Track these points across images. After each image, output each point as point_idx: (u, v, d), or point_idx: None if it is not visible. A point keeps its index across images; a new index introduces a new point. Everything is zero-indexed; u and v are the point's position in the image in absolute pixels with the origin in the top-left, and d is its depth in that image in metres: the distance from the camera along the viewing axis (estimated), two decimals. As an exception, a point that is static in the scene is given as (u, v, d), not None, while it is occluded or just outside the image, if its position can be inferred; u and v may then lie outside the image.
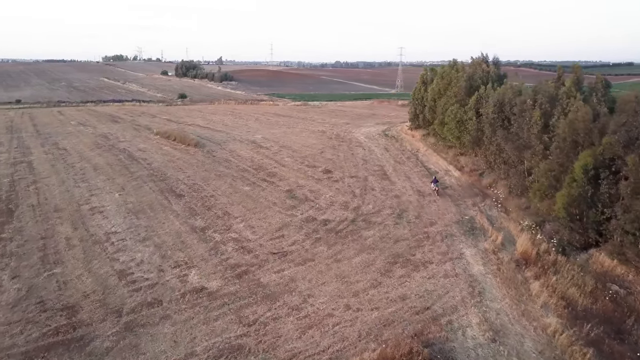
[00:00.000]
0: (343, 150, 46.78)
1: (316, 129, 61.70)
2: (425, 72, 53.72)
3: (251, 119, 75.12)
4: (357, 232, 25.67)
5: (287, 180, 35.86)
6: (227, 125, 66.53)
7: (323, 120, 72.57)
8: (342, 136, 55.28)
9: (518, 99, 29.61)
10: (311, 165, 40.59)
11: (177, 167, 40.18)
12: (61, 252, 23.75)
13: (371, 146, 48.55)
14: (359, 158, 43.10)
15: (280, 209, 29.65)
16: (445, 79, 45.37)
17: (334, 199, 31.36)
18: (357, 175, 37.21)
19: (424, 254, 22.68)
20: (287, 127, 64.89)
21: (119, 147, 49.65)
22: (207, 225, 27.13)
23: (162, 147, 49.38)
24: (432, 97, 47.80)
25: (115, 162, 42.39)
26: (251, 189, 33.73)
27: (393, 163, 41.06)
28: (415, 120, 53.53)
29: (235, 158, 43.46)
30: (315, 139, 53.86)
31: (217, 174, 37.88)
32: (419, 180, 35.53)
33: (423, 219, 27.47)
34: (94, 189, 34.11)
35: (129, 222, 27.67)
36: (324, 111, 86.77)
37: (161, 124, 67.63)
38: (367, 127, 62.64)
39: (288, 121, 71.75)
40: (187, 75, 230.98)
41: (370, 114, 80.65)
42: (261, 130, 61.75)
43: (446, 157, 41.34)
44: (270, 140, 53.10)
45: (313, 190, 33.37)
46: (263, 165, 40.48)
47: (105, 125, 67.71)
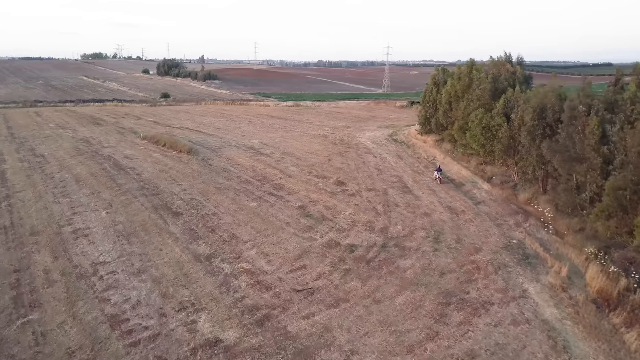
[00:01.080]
0: (352, 157, 43.19)
1: (317, 133, 58.03)
2: (437, 72, 50.44)
3: (244, 121, 71.13)
4: (392, 261, 22.08)
5: (297, 195, 32.12)
6: (219, 129, 62.46)
7: (321, 123, 68.94)
8: (347, 141, 51.70)
9: (566, 104, 26.31)
10: (321, 175, 36.89)
11: (171, 178, 36.13)
12: (39, 290, 19.73)
13: (382, 153, 45.04)
14: (372, 167, 39.54)
15: (295, 230, 25.93)
16: (463, 80, 42.07)
17: (356, 217, 27.73)
18: (375, 188, 33.64)
19: (479, 292, 19.17)
20: (284, 130, 61.10)
21: (103, 153, 45.34)
22: (213, 252, 23.29)
23: (151, 154, 45.19)
24: (447, 100, 44.50)
25: (100, 172, 38.15)
26: (258, 206, 29.92)
27: (411, 173, 37.59)
28: (427, 124, 50.18)
29: (234, 167, 39.55)
30: (319, 144, 50.17)
31: (217, 186, 33.96)
32: (446, 194, 32.09)
33: (465, 243, 23.99)
34: (77, 205, 29.95)
35: (120, 248, 23.69)
36: (319, 113, 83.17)
37: (148, 127, 63.31)
38: (371, 132, 59.18)
39: (284, 124, 67.95)
40: (170, 74, 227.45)
41: (369, 116, 77.27)
42: (257, 134, 57.86)
43: (468, 167, 38.03)
44: (270, 146, 49.27)
45: (329, 206, 29.69)
46: (267, 176, 36.66)
47: (86, 128, 63.12)
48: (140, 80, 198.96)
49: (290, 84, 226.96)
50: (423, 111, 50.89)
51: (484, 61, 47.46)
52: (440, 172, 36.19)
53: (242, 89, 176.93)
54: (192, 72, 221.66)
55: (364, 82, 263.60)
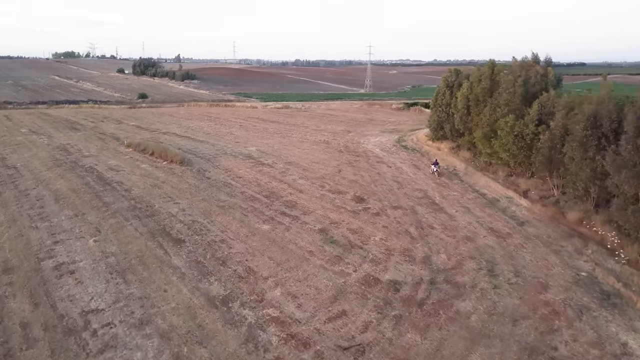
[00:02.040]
0: (364, 168, 39.67)
1: (317, 139, 54.36)
2: (450, 73, 47.29)
3: (234, 125, 67.02)
4: (449, 303, 18.61)
5: (313, 214, 28.45)
6: (209, 134, 58.30)
7: (317, 127, 65.27)
8: (353, 148, 48.18)
9: (628, 110, 23.25)
10: (335, 190, 33.27)
11: (165, 194, 32.07)
12: (15, 354, 15.68)
13: (395, 162, 41.64)
14: (389, 179, 36.09)
15: (321, 261, 22.28)
16: (484, 82, 38.95)
17: (388, 243, 24.21)
18: (400, 204, 30.19)
19: (569, 347, 15.82)
20: (280, 135, 57.27)
21: (83, 164, 40.89)
22: (229, 293, 19.50)
23: (138, 164, 40.91)
24: (464, 104, 41.35)
25: (82, 187, 33.84)
26: (271, 229, 26.16)
27: (435, 186, 34.25)
28: (439, 130, 47.01)
29: (236, 181, 35.63)
30: (323, 152, 46.53)
31: (220, 205, 30.05)
32: (482, 212, 28.83)
33: (526, 276, 20.67)
34: (59, 231, 25.74)
35: (115, 289, 19.71)
36: (312, 116, 79.47)
37: (130, 132, 58.77)
38: (374, 136, 55.78)
39: (278, 128, 64.08)
40: (146, 74, 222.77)
41: (367, 119, 73.88)
42: (252, 140, 53.91)
43: (495, 178, 34.87)
44: (269, 154, 45.43)
45: (354, 229, 26.10)
46: (275, 191, 32.88)
47: (62, 133, 58.27)
48: (116, 80, 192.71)
49: (271, 83, 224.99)
50: (434, 115, 47.69)
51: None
52: (437, 165, 37.85)
53: (221, 88, 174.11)
54: (170, 72, 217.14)
55: (344, 81, 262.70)
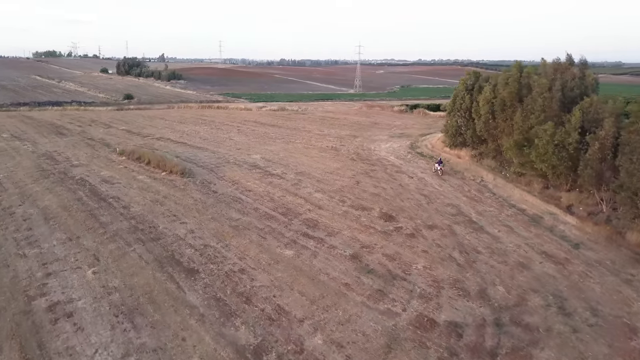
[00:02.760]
0: (383, 178, 36.79)
1: (323, 145, 51.40)
2: (469, 76, 44.63)
3: (232, 130, 63.74)
4: (525, 353, 15.80)
5: (340, 235, 25.51)
6: (206, 140, 55.01)
7: (320, 131, 62.30)
8: (365, 156, 45.29)
9: None
10: (357, 205, 30.36)
11: (169, 212, 28.88)
12: None
13: (416, 172, 38.83)
14: (414, 192, 33.28)
15: (361, 297, 19.36)
16: (512, 86, 36.35)
17: (434, 272, 21.37)
18: (434, 223, 27.37)
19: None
20: (283, 141, 54.19)
21: (73, 175, 37.46)
22: (261, 341, 16.48)
23: (134, 175, 37.57)
24: (489, 109, 38.71)
25: (74, 203, 30.50)
26: (296, 255, 23.16)
27: (466, 200, 31.50)
28: (457, 136, 44.33)
29: (245, 195, 32.53)
30: (333, 160, 43.58)
31: (232, 224, 26.96)
32: (527, 231, 26.15)
33: (605, 315, 17.95)
34: (51, 260, 22.46)
35: (123, 338, 16.58)
36: (312, 119, 76.44)
37: (121, 138, 55.28)
38: (384, 142, 52.97)
39: (279, 133, 60.97)
40: (131, 74, 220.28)
41: (370, 122, 71.03)
42: (254, 146, 50.77)
43: (530, 191, 32.26)
44: (276, 162, 42.36)
45: (390, 254, 23.21)
46: (291, 207, 29.86)
47: (48, 139, 54.60)
48: (99, 80, 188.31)
49: (259, 83, 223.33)
50: (452, 120, 45.01)
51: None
52: (441, 164, 38.69)
53: (209, 89, 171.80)
54: (155, 72, 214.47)
55: (332, 81, 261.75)
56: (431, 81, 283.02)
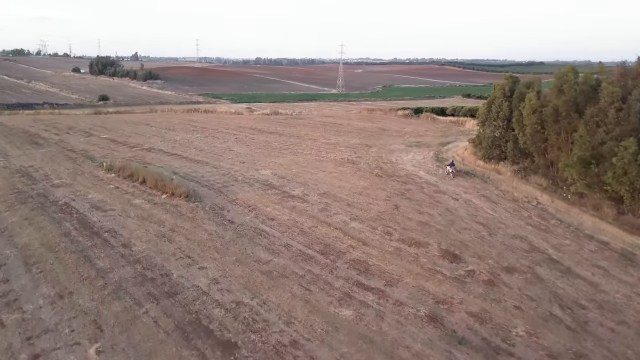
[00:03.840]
0: (424, 201, 32.17)
1: (336, 157, 46.60)
2: (507, 81, 40.34)
3: (228, 138, 58.43)
4: None
5: (402, 284, 20.78)
6: (203, 151, 49.69)
7: (327, 139, 57.45)
8: (391, 171, 40.61)
9: None
10: (408, 239, 25.65)
11: (182, 252, 23.73)
12: None
13: (457, 192, 34.29)
14: (467, 219, 28.74)
15: (466, 385, 14.65)
16: (568, 93, 32.18)
17: (543, 342, 16.81)
18: (511, 263, 22.86)
19: None
20: (290, 152, 49.20)
21: (56, 198, 31.94)
22: None
23: (129, 199, 32.22)
24: (537, 119, 34.47)
25: (61, 240, 25.10)
26: (357, 316, 18.34)
27: (533, 230, 27.09)
28: (494, 148, 40.01)
29: (268, 225, 27.52)
30: (356, 176, 38.81)
31: (264, 269, 21.98)
32: (627, 275, 21.88)
33: None
34: (38, 332, 17.19)
35: None
36: (313, 124, 71.50)
37: (106, 149, 49.59)
38: (404, 153, 48.39)
39: (282, 142, 55.92)
40: (105, 73, 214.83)
41: (378, 129, 66.39)
42: (259, 159, 45.66)
43: (602, 216, 28.10)
44: (291, 180, 37.40)
45: (475, 313, 18.57)
46: (329, 243, 24.99)
47: (21, 150, 48.57)
48: (72, 80, 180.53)
49: (239, 83, 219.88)
50: (487, 130, 40.69)
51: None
52: (453, 166, 38.73)
53: (187, 89, 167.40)
54: (131, 71, 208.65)
55: (313, 81, 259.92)
56: (412, 80, 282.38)
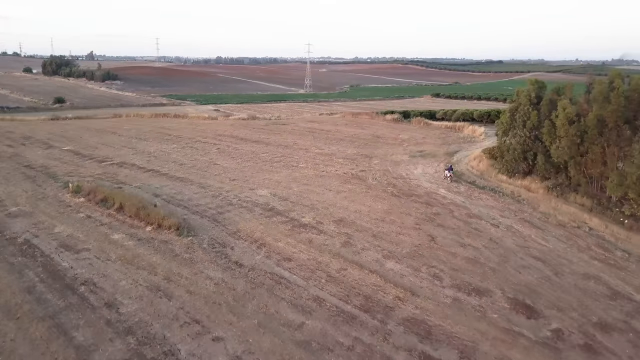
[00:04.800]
0: (460, 228, 27.81)
1: (337, 170, 41.90)
2: (533, 86, 36.50)
3: (209, 149, 52.91)
4: None
5: (481, 356, 16.29)
6: (184, 165, 44.18)
7: (319, 149, 52.66)
8: (405, 188, 36.15)
9: None
10: (463, 284, 21.21)
11: (186, 314, 18.57)
12: None
13: (494, 215, 30.10)
14: (521, 253, 24.54)
15: None
16: (616, 102, 28.58)
17: None
18: (601, 317, 18.72)
19: None
20: (283, 166, 44.22)
21: (14, 234, 26.18)
22: None
23: (106, 233, 26.70)
24: (576, 130, 30.78)
25: (24, 299, 19.56)
26: (441, 411, 13.73)
27: (603, 267, 23.11)
28: (519, 161, 36.14)
29: (286, 268, 22.59)
30: (368, 195, 34.19)
31: (297, 338, 17.12)
32: None
33: None
34: None
35: None
36: (299, 132, 66.25)
37: (70, 165, 43.54)
38: (412, 165, 44.02)
39: (270, 152, 50.81)
40: (59, 74, 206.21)
41: (371, 136, 61.79)
42: (251, 175, 40.50)
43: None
44: (296, 202, 32.51)
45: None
46: (369, 294, 20.29)
47: (-32, 168, 41.97)
48: (23, 81, 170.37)
49: (203, 83, 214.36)
50: (513, 141, 36.76)
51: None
52: (451, 170, 38.07)
53: (149, 90, 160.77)
54: (87, 71, 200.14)
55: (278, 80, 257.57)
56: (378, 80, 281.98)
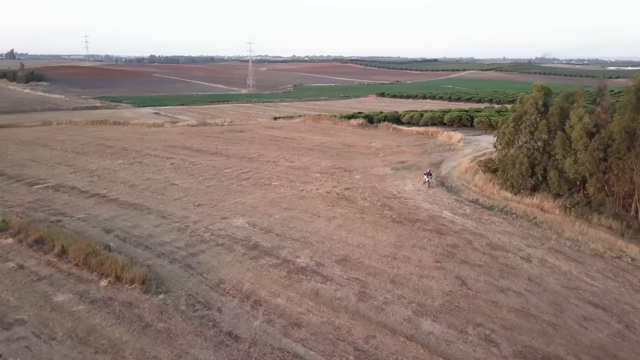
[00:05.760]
0: (488, 266, 23.51)
1: (319, 189, 36.85)
2: (539, 92, 33.01)
3: (162, 164, 46.45)
4: None
5: None
6: (135, 187, 37.80)
7: (289, 161, 47.39)
8: (406, 212, 31.54)
9: None
10: (526, 351, 16.92)
11: None
12: None
13: (517, 244, 26.04)
14: (572, 298, 20.59)
15: None
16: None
17: None
18: None
19: None
20: (255, 184, 38.69)
21: None
22: None
23: (47, 293, 20.50)
24: (599, 143, 27.50)
25: None
26: None
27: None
28: (527, 177, 32.56)
29: (298, 340, 17.41)
30: (365, 222, 29.43)
31: None
32: None
33: None
34: None
35: None
36: (260, 141, 60.29)
37: (-5, 191, 36.15)
38: (400, 181, 39.46)
39: (234, 167, 45.02)
40: None
41: (341, 145, 56.73)
42: (219, 198, 34.82)
43: None
44: (282, 234, 27.29)
45: None
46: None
47: None
48: None
49: (139, 84, 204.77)
50: (519, 154, 33.07)
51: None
52: (430, 176, 37.28)
53: (79, 92, 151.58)
54: (9, 72, 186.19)
55: (218, 80, 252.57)
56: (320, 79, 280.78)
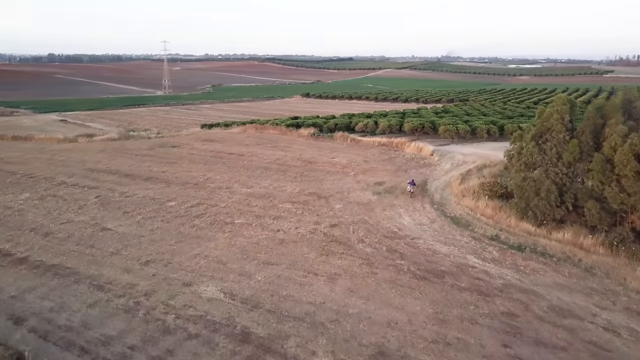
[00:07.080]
0: (575, 348, 17.79)
1: (300, 230, 29.67)
2: (565, 105, 27.96)
3: (87, 197, 37.14)
4: None
5: None
6: (52, 235, 28.91)
7: (246, 186, 39.69)
8: (423, 260, 25.25)
9: None
10: None
11: None
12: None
13: (589, 308, 20.38)
14: None
15: None
16: None
17: None
18: None
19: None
20: (212, 224, 30.89)
21: None
22: None
23: None
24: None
25: None
26: None
27: None
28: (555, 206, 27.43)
29: None
30: (379, 282, 22.85)
31: None
32: None
33: None
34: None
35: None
36: (202, 157, 51.94)
37: None
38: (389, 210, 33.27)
39: (178, 198, 36.80)
40: None
41: (299, 161, 49.36)
42: (170, 250, 26.90)
43: None
44: (274, 311, 20.17)
45: None
46: None
47: None
48: None
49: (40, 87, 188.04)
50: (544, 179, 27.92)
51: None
52: (414, 185, 36.20)
53: None
54: None
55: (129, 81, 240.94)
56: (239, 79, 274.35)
